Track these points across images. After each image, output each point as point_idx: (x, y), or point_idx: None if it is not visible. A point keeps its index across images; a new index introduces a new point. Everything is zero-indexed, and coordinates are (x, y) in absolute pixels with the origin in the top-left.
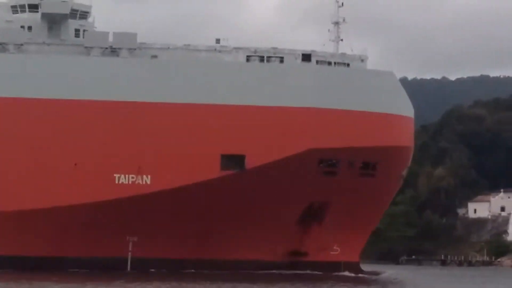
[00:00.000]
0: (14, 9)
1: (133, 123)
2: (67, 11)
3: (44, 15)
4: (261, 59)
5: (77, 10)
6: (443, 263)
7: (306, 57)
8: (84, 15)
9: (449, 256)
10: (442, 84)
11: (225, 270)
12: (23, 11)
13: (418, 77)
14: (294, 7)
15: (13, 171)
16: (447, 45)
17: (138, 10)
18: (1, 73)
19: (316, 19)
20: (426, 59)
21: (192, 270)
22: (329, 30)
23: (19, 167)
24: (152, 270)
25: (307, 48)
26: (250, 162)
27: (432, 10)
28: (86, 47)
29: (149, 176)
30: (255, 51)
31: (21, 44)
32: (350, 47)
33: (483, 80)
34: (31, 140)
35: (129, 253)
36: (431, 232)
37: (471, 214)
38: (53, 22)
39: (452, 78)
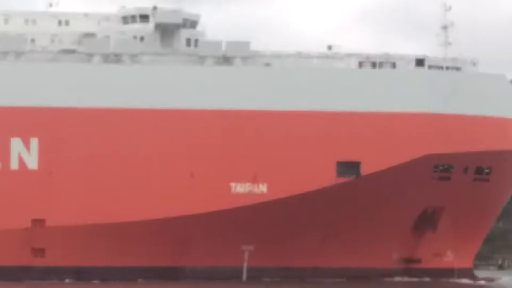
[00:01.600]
0: (125, 20)
1: (248, 132)
2: (180, 21)
3: (157, 25)
4: (373, 65)
5: (187, 20)
6: (500, 267)
7: (420, 62)
8: (193, 24)
9: (506, 261)
10: None
11: (340, 278)
12: (134, 21)
13: None
14: (348, 10)
15: (130, 182)
16: None
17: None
18: (116, 84)
19: (370, 21)
20: None
21: (307, 279)
22: (437, 34)
23: (137, 177)
24: (267, 279)
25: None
26: (366, 169)
27: None
28: (200, 57)
29: (265, 185)
30: (367, 57)
31: (136, 55)
32: (459, 51)
33: None
34: (148, 150)
35: (245, 262)
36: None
37: None
38: (166, 32)
39: None
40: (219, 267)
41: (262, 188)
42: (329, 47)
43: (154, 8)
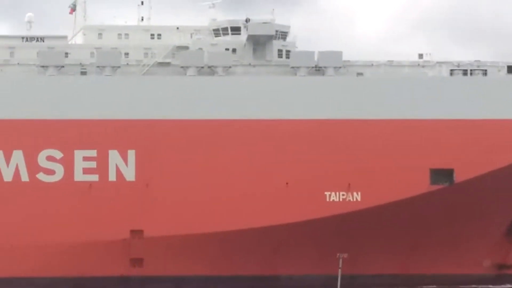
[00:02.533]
0: (216, 32)
1: (342, 141)
2: (273, 32)
3: (249, 37)
4: (465, 72)
5: (278, 31)
6: None
7: (511, 69)
8: (284, 35)
9: None
10: None
11: (431, 285)
12: (225, 34)
13: None
14: (404, 18)
15: (226, 192)
16: None
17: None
18: (211, 96)
19: (426, 28)
20: None
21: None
22: None
23: (232, 187)
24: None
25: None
26: (459, 176)
27: None
28: (292, 67)
29: (359, 193)
30: (458, 65)
31: (229, 67)
32: None
33: None
34: (243, 160)
35: (339, 270)
36: None
37: None
38: (258, 43)
39: None
40: (314, 275)
41: (356, 196)
42: (420, 56)
43: (247, 20)
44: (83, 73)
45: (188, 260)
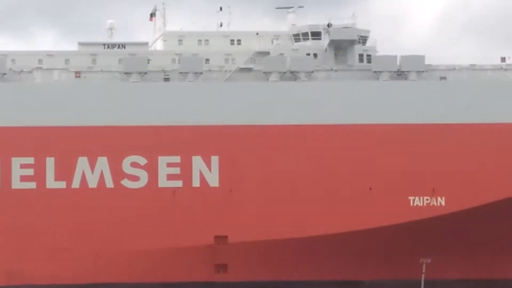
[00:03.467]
0: (296, 37)
1: (425, 145)
2: (355, 37)
3: (331, 42)
4: None
5: (359, 36)
6: None
7: None
8: (364, 39)
9: None
10: None
11: None
12: (305, 39)
13: None
14: (451, 22)
15: (310, 197)
16: None
17: None
18: (294, 101)
19: (475, 32)
20: None
21: None
22: None
23: (316, 192)
24: None
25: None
26: None
27: None
28: (374, 72)
29: (443, 198)
30: None
31: (312, 72)
32: None
33: None
34: (326, 165)
35: (422, 275)
36: None
37: None
38: (340, 48)
39: None
40: (397, 280)
41: (441, 201)
42: (503, 59)
43: (329, 25)
44: (166, 79)
45: (272, 265)
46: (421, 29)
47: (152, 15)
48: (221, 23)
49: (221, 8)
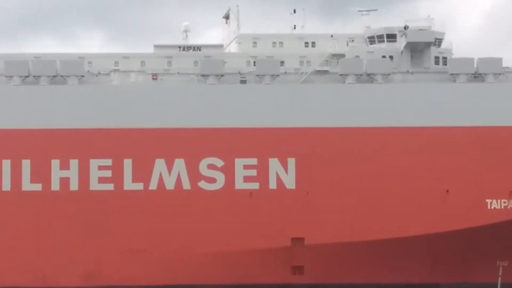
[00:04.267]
0: (371, 39)
1: (503, 147)
2: (432, 40)
3: (408, 44)
4: None
5: (435, 38)
6: None
7: None
8: (439, 42)
9: None
10: None
11: None
12: (381, 41)
13: None
14: (500, 24)
15: (386, 199)
16: None
17: None
18: (369, 103)
19: None
20: None
21: None
22: None
23: (392, 194)
24: None
25: None
26: None
27: None
28: (451, 74)
29: None
30: None
31: (388, 74)
32: None
33: None
34: (402, 167)
35: (499, 278)
36: None
37: None
38: (416, 50)
39: None
40: (474, 284)
41: None
42: None
43: (405, 27)
44: (242, 81)
45: (348, 268)
46: (469, 30)
47: (226, 17)
48: (294, 25)
49: (294, 11)
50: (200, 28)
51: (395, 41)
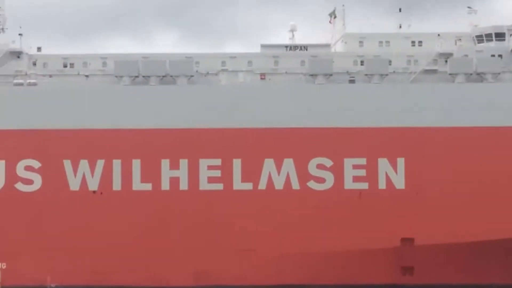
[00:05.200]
0: (479, 38)
1: None
2: None
3: None
4: None
5: None
6: None
7: None
8: None
9: None
10: None
11: None
12: (489, 40)
13: None
14: None
15: (496, 199)
16: None
17: None
18: (478, 102)
19: None
20: None
21: None
22: None
23: (502, 195)
24: None
25: None
26: None
27: None
28: None
29: None
30: None
31: (499, 73)
32: None
33: None
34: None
35: None
36: None
37: None
38: None
39: None
40: None
41: None
42: None
43: None
44: (351, 81)
45: (459, 268)
46: None
47: (331, 16)
48: (400, 24)
49: (400, 10)
50: (305, 28)
51: (504, 39)
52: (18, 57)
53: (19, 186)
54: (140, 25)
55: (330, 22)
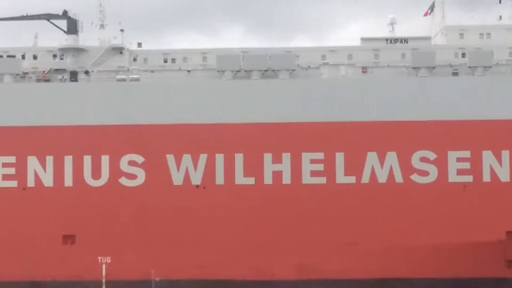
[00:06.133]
0: None
1: None
2: None
3: None
4: None
5: None
6: None
7: None
8: None
9: None
10: None
11: None
12: None
13: None
14: None
15: None
16: None
17: None
18: None
19: None
20: None
21: None
22: None
23: None
24: None
25: None
26: None
27: None
28: None
29: None
30: None
31: None
32: None
33: None
34: None
35: None
36: None
37: None
38: None
39: None
40: None
41: None
42: None
43: None
44: (454, 73)
45: None
46: None
47: (429, 10)
48: (500, 16)
49: (500, 1)
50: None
51: None
52: (121, 52)
53: (123, 181)
54: (206, 20)
55: (426, 15)
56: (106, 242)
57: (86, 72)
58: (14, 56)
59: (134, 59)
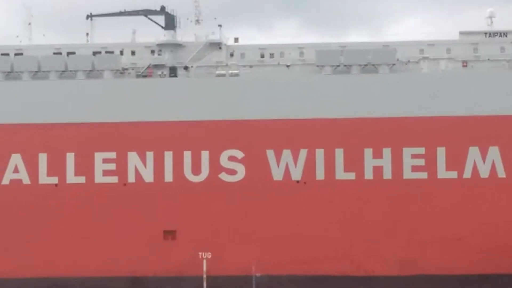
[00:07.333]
0: None
1: None
2: None
3: None
4: None
5: None
6: None
7: None
8: None
9: None
10: None
11: None
12: None
13: None
14: None
15: None
16: None
17: None
18: None
19: None
20: None
21: None
22: None
23: None
24: None
25: None
26: None
27: None
28: None
29: None
30: None
31: None
32: None
33: None
34: None
35: None
36: None
37: None
38: None
39: None
40: None
41: None
42: None
43: None
44: None
45: None
46: None
47: None
48: None
49: None
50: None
51: None
52: (220, 48)
53: (223, 176)
54: (260, 14)
55: None
56: (207, 238)
57: (185, 68)
58: (112, 52)
59: (231, 54)
